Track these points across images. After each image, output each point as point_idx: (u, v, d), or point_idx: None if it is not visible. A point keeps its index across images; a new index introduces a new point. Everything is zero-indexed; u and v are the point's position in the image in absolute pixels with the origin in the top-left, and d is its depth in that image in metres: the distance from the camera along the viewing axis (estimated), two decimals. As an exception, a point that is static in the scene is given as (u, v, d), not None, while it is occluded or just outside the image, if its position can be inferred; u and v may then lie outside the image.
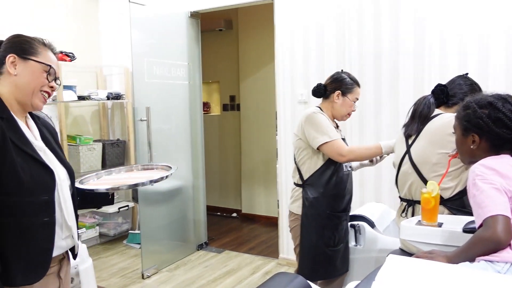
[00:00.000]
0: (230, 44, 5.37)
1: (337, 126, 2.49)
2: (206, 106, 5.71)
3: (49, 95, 1.51)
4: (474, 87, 2.05)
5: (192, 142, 4.15)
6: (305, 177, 2.38)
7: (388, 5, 3.17)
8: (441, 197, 1.85)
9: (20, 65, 1.43)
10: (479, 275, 1.06)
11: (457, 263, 1.31)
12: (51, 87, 1.50)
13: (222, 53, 5.45)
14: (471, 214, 1.70)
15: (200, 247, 4.23)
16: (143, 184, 1.75)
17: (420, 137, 1.98)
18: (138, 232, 4.06)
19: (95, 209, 4.39)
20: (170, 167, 1.98)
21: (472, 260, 1.31)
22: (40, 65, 1.45)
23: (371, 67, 3.28)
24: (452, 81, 2.11)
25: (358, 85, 2.42)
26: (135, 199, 4.08)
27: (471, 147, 1.50)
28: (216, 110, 5.77)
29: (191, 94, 4.12)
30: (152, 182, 1.76)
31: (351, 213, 2.56)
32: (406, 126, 2.08)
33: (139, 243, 3.74)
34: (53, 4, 4.19)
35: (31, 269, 1.38)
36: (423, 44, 3.07)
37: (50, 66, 1.47)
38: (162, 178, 1.78)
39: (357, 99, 2.42)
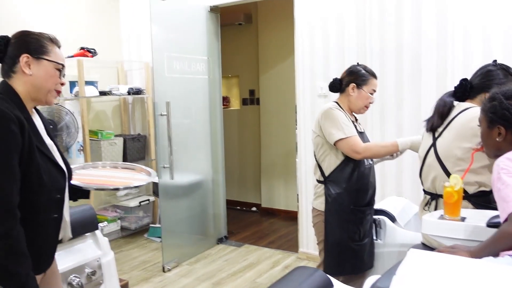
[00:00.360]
0: (249, 38, 5.36)
1: (356, 120, 2.46)
2: (225, 100, 5.72)
3: (60, 91, 1.56)
4: (498, 72, 1.94)
5: (212, 137, 4.17)
6: (326, 173, 2.36)
7: (410, -4, 3.11)
8: (466, 192, 1.81)
9: (34, 65, 1.45)
10: (503, 269, 1.04)
11: (480, 257, 1.28)
12: (62, 83, 1.54)
13: (242, 47, 5.44)
14: (496, 209, 1.66)
15: (220, 241, 4.25)
16: (108, 189, 1.76)
17: (446, 131, 1.94)
18: (159, 226, 4.11)
19: (116, 203, 4.46)
20: (150, 174, 1.98)
21: (496, 255, 1.28)
22: (53, 64, 1.48)
23: (393, 60, 3.22)
24: (480, 69, 2.01)
25: (374, 76, 2.38)
26: (155, 193, 4.12)
27: (497, 139, 1.47)
28: (235, 104, 5.78)
29: (210, 89, 4.13)
30: (116, 189, 1.74)
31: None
32: (430, 119, 2.04)
33: (160, 237, 3.78)
34: (75, 0, 4.25)
35: (43, 260, 1.49)
36: (446, 35, 3.00)
37: (62, 64, 1.51)
38: (130, 187, 1.76)
39: (374, 90, 2.38)
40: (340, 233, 2.34)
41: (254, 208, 5.49)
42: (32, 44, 1.47)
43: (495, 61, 2.00)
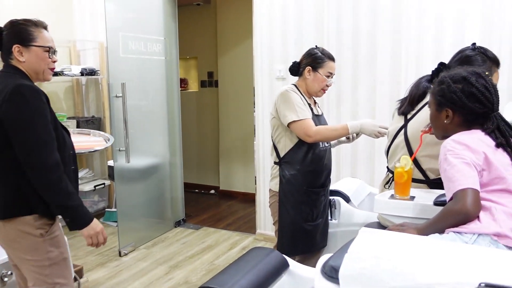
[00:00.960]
0: (208, 19, 5.28)
1: (314, 103, 2.49)
2: (183, 82, 5.63)
3: (53, 68, 1.82)
4: (477, 58, 1.92)
5: (169, 119, 4.10)
6: (281, 154, 2.39)
7: (366, -20, 3.15)
8: (427, 177, 1.87)
9: (25, 53, 1.72)
10: (447, 245, 1.09)
11: (427, 234, 1.34)
12: (54, 61, 1.80)
13: (200, 28, 5.35)
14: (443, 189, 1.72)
15: (178, 224, 4.23)
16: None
17: (418, 114, 1.97)
18: (115, 210, 4.03)
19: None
20: (108, 139, 2.12)
21: (441, 232, 1.34)
22: (41, 48, 1.74)
23: (349, 44, 3.27)
24: (457, 53, 1.99)
25: (331, 59, 2.39)
26: (111, 176, 4.03)
27: (445, 122, 1.52)
28: (194, 86, 5.70)
29: (167, 70, 4.05)
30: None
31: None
32: (402, 102, 2.04)
33: (116, 221, 3.71)
34: (21, -25, 4.03)
35: None
36: (400, 19, 3.07)
37: (48, 48, 1.76)
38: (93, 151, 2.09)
39: (331, 73, 2.39)
40: (293, 214, 2.38)
41: (212, 191, 5.49)
42: (21, 34, 1.72)
43: (474, 44, 2.01)
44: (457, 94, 1.46)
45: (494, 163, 1.36)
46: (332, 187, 2.64)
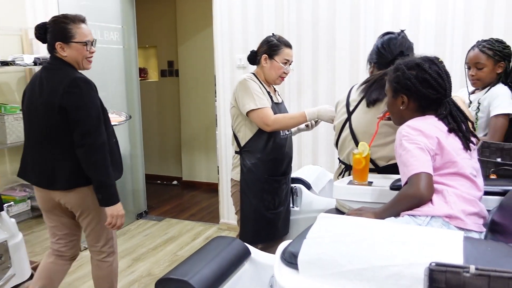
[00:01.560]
0: (167, 7, 5.17)
1: (274, 91, 2.49)
2: (143, 72, 5.51)
3: (91, 57, 2.11)
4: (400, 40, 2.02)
5: (129, 110, 4.01)
6: (242, 144, 2.39)
7: (324, -31, 3.17)
8: (377, 166, 1.91)
9: (67, 48, 2.01)
10: (400, 228, 1.12)
11: (384, 218, 1.37)
12: (92, 52, 2.09)
13: (159, 16, 5.24)
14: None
15: (140, 216, 4.17)
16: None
17: (361, 105, 2.00)
18: (74, 203, 3.92)
19: (25, 182, 4.16)
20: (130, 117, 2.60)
21: (397, 215, 1.38)
22: (80, 44, 2.02)
23: (309, 33, 3.29)
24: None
25: (288, 46, 2.38)
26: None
27: (401, 108, 1.55)
28: (153, 76, 5.60)
29: (126, 59, 3.95)
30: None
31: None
32: (369, 91, 2.04)
33: (75, 215, 3.61)
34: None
35: (120, 168, 2.21)
36: (359, 10, 3.11)
37: (85, 43, 2.03)
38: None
39: (288, 60, 2.38)
40: (255, 203, 2.39)
41: (175, 182, 5.44)
42: (62, 32, 2.00)
43: (402, 31, 2.07)
44: (411, 80, 1.49)
45: (447, 148, 1.40)
46: (294, 174, 2.66)
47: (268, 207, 2.41)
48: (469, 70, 2.23)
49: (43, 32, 2.03)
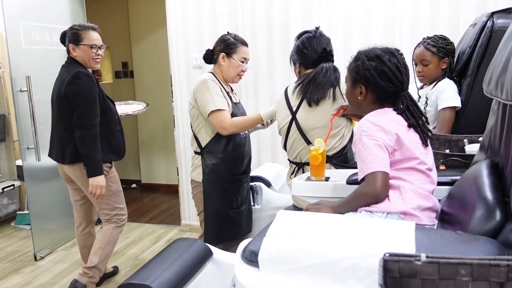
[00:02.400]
0: (119, 7, 5.06)
1: (231, 90, 2.50)
2: (96, 73, 5.36)
3: (98, 59, 2.57)
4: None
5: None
6: (203, 144, 2.38)
7: (277, -32, 3.20)
8: (327, 155, 1.96)
9: (76, 49, 2.53)
10: (356, 221, 1.16)
11: (341, 213, 1.41)
12: (98, 54, 2.55)
13: (111, 16, 5.11)
14: (354, 167, 1.83)
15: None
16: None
17: (302, 106, 2.04)
18: (27, 212, 3.78)
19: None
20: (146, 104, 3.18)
21: (354, 210, 1.42)
22: (86, 46, 2.51)
23: (264, 31, 3.31)
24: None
25: (244, 44, 2.40)
26: (20, 177, 3.76)
27: (359, 98, 1.55)
28: (108, 78, 5.46)
29: (77, 61, 3.83)
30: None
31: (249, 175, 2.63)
32: (309, 92, 2.07)
33: (29, 224, 3.48)
34: None
35: (122, 150, 2.71)
36: (312, 7, 3.16)
37: (91, 46, 2.51)
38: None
39: (245, 58, 2.40)
40: (218, 202, 2.39)
41: (134, 185, 5.34)
42: (74, 36, 2.52)
43: (317, 28, 2.12)
44: (370, 71, 1.49)
45: (406, 143, 1.43)
46: (253, 173, 2.68)
47: (231, 206, 2.42)
48: (416, 66, 2.32)
49: (63, 36, 2.58)
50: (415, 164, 1.43)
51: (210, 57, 2.41)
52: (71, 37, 2.52)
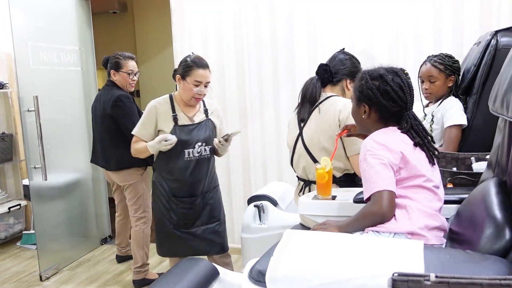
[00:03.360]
0: (125, 28, 5.14)
1: (202, 109, 2.54)
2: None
3: (133, 84, 3.15)
4: (353, 60, 2.15)
5: (89, 132, 3.91)
6: (154, 160, 2.54)
7: (281, -11, 3.24)
8: (334, 177, 1.95)
9: (116, 75, 3.10)
10: (363, 241, 1.15)
11: (348, 232, 1.40)
12: (134, 80, 3.12)
13: (118, 37, 5.19)
14: (360, 186, 1.82)
15: (104, 241, 4.05)
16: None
17: (310, 120, 2.04)
18: (33, 232, 3.78)
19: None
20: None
21: (361, 230, 1.41)
22: (125, 73, 3.08)
23: (269, 51, 3.34)
24: (333, 58, 2.17)
25: (202, 67, 2.39)
26: (27, 196, 3.77)
27: (363, 116, 1.56)
28: (114, 97, 5.50)
29: (85, 81, 3.88)
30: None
31: (255, 193, 2.63)
32: (298, 110, 2.13)
33: (35, 244, 3.48)
34: None
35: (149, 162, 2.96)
36: (315, 26, 3.20)
37: (128, 73, 3.08)
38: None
39: (200, 82, 2.38)
40: (162, 219, 2.51)
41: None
42: (115, 63, 3.09)
43: (343, 49, 2.17)
44: (373, 90, 1.50)
45: (411, 161, 1.42)
46: (260, 191, 2.68)
47: (177, 225, 2.49)
48: (422, 83, 2.33)
49: (106, 61, 3.13)
50: (422, 182, 1.42)
51: (173, 76, 2.49)
52: (113, 64, 3.07)
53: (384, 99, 1.49)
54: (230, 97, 3.47)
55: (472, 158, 1.97)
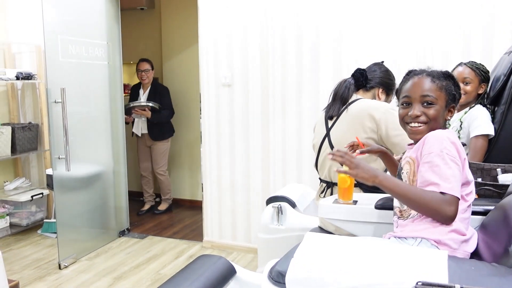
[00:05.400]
0: (152, 24, 5.19)
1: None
2: (127, 88, 5.49)
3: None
4: (389, 73, 2.18)
5: (113, 126, 3.99)
6: None
7: (309, -10, 3.23)
8: (356, 180, 1.94)
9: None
10: (387, 247, 1.14)
11: (386, 188, 1.33)
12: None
13: (144, 33, 5.25)
14: (382, 192, 1.80)
15: (122, 233, 4.11)
16: None
17: (339, 121, 2.04)
18: (54, 220, 3.85)
19: (4, 198, 4.09)
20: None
21: (404, 203, 1.34)
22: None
23: (293, 53, 3.33)
24: (369, 68, 2.22)
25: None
26: (49, 186, 3.85)
27: (448, 118, 1.47)
28: (138, 92, 5.57)
29: (111, 75, 3.94)
30: None
31: (274, 194, 2.63)
32: (328, 108, 2.14)
33: (55, 232, 3.55)
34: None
35: None
36: (340, 31, 3.18)
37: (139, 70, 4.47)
38: None
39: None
40: None
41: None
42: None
43: (382, 62, 2.20)
44: (458, 92, 1.46)
45: (466, 168, 1.37)
46: (278, 192, 2.67)
47: None
48: None
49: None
50: (467, 192, 1.36)
51: None
52: None
53: (457, 101, 1.45)
54: (253, 97, 3.48)
55: (498, 169, 1.93)
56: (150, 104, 4.57)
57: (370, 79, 2.13)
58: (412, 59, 3.00)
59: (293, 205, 2.61)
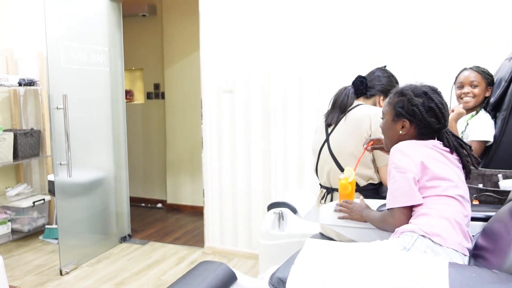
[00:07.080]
0: (154, 30, 5.22)
1: None
2: (129, 94, 5.51)
3: None
4: (391, 79, 2.17)
5: (114, 132, 3.99)
6: None
7: (310, -3, 3.25)
8: (357, 185, 1.95)
9: None
10: (388, 254, 1.14)
11: (366, 218, 1.66)
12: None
13: (146, 39, 5.28)
14: (384, 198, 1.81)
15: (123, 239, 4.10)
16: None
17: (338, 127, 2.05)
18: (55, 226, 3.85)
19: (6, 204, 4.09)
20: None
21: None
22: None
23: (294, 59, 3.34)
24: (372, 73, 2.21)
25: None
26: (51, 192, 3.86)
27: (400, 132, 1.56)
28: (139, 98, 5.60)
29: (112, 81, 3.96)
30: None
31: (275, 200, 2.63)
32: (327, 115, 2.15)
33: (57, 238, 3.55)
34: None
35: None
36: (343, 36, 3.19)
37: None
38: None
39: None
40: None
41: (159, 205, 5.39)
42: None
43: (385, 66, 2.19)
44: (418, 107, 1.51)
45: (432, 169, 1.44)
46: (280, 198, 2.67)
47: None
48: (461, 89, 2.29)
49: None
50: (441, 192, 1.42)
51: None
52: None
53: (428, 116, 1.51)
54: (254, 103, 3.49)
55: (499, 175, 1.93)
56: None
57: (370, 87, 2.12)
58: (410, 65, 3.01)
59: (294, 211, 2.61)
